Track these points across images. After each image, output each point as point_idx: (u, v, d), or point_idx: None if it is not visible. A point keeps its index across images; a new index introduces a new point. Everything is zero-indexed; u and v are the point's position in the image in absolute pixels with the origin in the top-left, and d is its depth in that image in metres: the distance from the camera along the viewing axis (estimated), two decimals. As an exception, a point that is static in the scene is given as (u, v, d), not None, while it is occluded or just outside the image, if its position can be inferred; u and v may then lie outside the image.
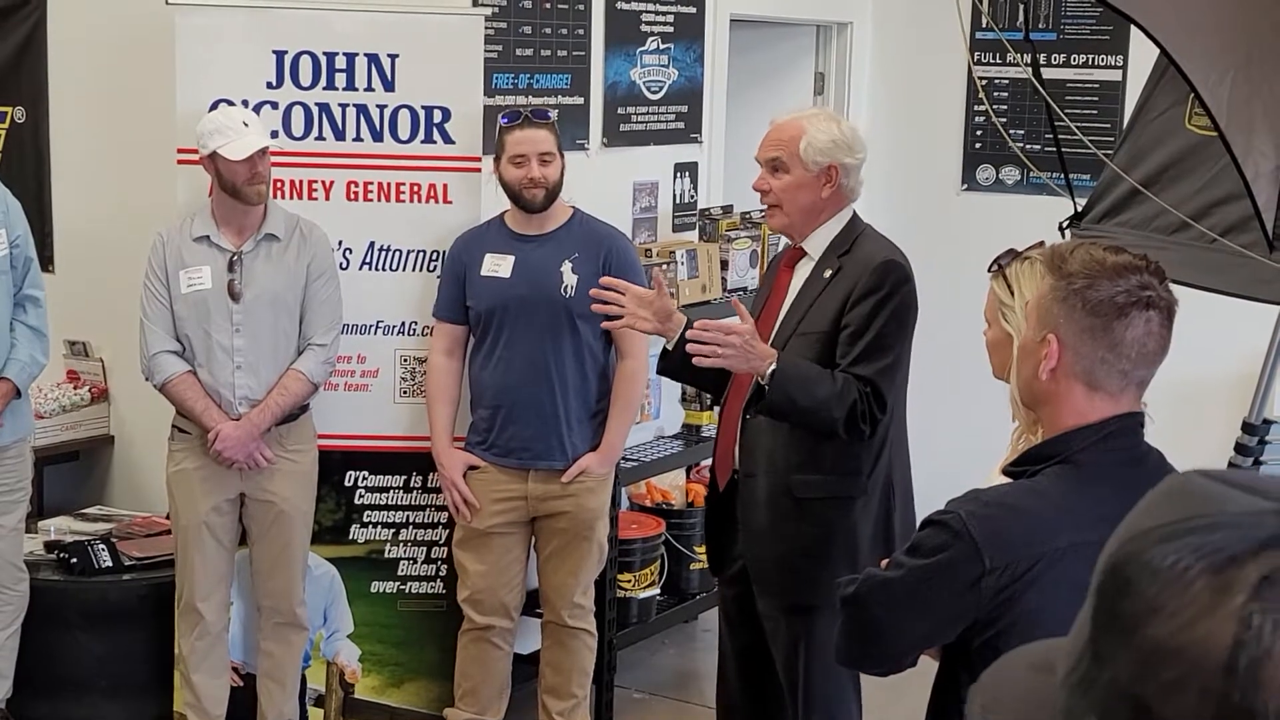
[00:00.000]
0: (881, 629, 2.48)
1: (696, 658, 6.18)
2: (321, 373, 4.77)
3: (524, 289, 4.70)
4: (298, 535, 4.83)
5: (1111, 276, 2.35)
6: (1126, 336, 2.33)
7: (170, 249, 4.65)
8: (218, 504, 4.72)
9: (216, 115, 4.64)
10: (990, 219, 6.70)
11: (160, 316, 4.65)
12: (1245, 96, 3.01)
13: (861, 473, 3.91)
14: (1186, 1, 3.05)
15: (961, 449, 4.89)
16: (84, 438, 5.93)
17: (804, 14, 7.07)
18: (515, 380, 4.73)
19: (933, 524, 2.40)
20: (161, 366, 4.64)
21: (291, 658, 4.91)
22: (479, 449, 4.83)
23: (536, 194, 4.69)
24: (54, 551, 5.22)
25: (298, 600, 4.86)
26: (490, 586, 4.86)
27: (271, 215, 4.69)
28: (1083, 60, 6.85)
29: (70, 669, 5.07)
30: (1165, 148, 3.51)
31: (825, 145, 3.90)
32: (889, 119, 7.06)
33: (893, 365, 3.82)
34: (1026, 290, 2.60)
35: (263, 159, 4.58)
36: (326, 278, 4.76)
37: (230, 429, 4.61)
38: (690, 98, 6.31)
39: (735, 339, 3.68)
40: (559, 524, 4.82)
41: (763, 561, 3.97)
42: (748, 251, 5.99)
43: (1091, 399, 2.38)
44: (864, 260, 3.87)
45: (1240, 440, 4.47)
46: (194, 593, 4.75)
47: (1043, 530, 2.35)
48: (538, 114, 4.81)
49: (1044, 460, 2.40)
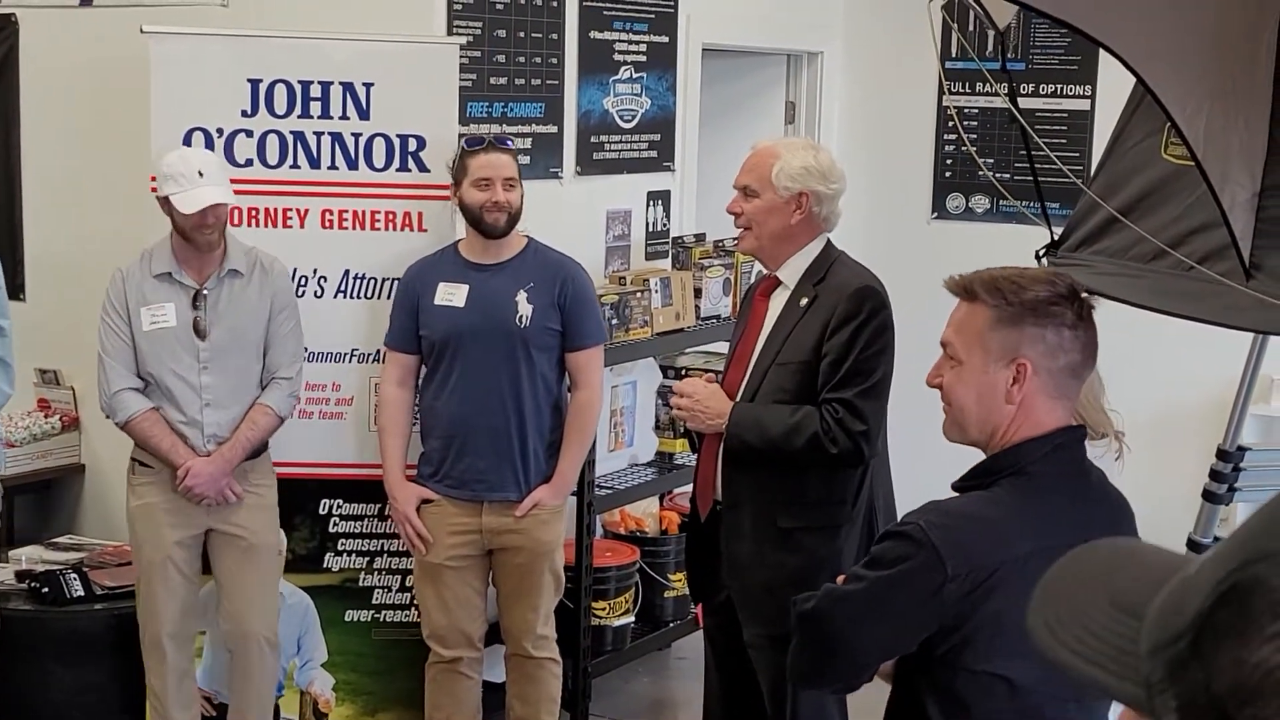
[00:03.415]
0: (843, 642, 2.50)
1: (671, 685, 6.18)
2: (288, 406, 4.75)
3: (478, 318, 4.67)
4: (270, 566, 4.81)
5: (1032, 285, 2.42)
6: (1078, 335, 2.41)
7: (131, 285, 4.60)
8: (183, 539, 4.67)
9: (174, 160, 4.55)
10: (961, 247, 6.71)
11: (121, 353, 4.60)
12: (1221, 127, 3.03)
13: (846, 501, 3.95)
14: (1163, 32, 3.08)
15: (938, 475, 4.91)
16: (55, 466, 5.90)
17: (775, 43, 7.10)
18: (469, 411, 4.69)
19: (892, 536, 2.45)
20: (124, 404, 4.59)
21: (266, 687, 4.87)
22: (431, 481, 4.79)
23: (499, 217, 4.68)
24: (25, 581, 5.18)
25: (272, 630, 4.83)
26: (451, 622, 4.83)
27: (232, 251, 4.66)
28: (1051, 90, 6.91)
29: (42, 699, 5.03)
30: (1142, 176, 3.54)
31: (797, 172, 3.94)
32: (860, 148, 7.09)
33: (875, 386, 3.86)
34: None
35: (215, 210, 4.52)
36: (289, 311, 4.75)
37: (202, 465, 4.58)
38: (663, 126, 6.33)
39: (685, 401, 3.87)
40: (516, 558, 4.78)
41: (748, 591, 3.99)
42: (721, 279, 6.00)
43: (1053, 409, 2.43)
44: (840, 287, 3.91)
45: (1215, 467, 4.49)
46: (160, 628, 4.70)
47: (1003, 538, 2.39)
48: (500, 140, 4.82)
49: (994, 473, 2.46)
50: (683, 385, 4.01)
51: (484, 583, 4.90)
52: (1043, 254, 3.79)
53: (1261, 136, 3.13)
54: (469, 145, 4.77)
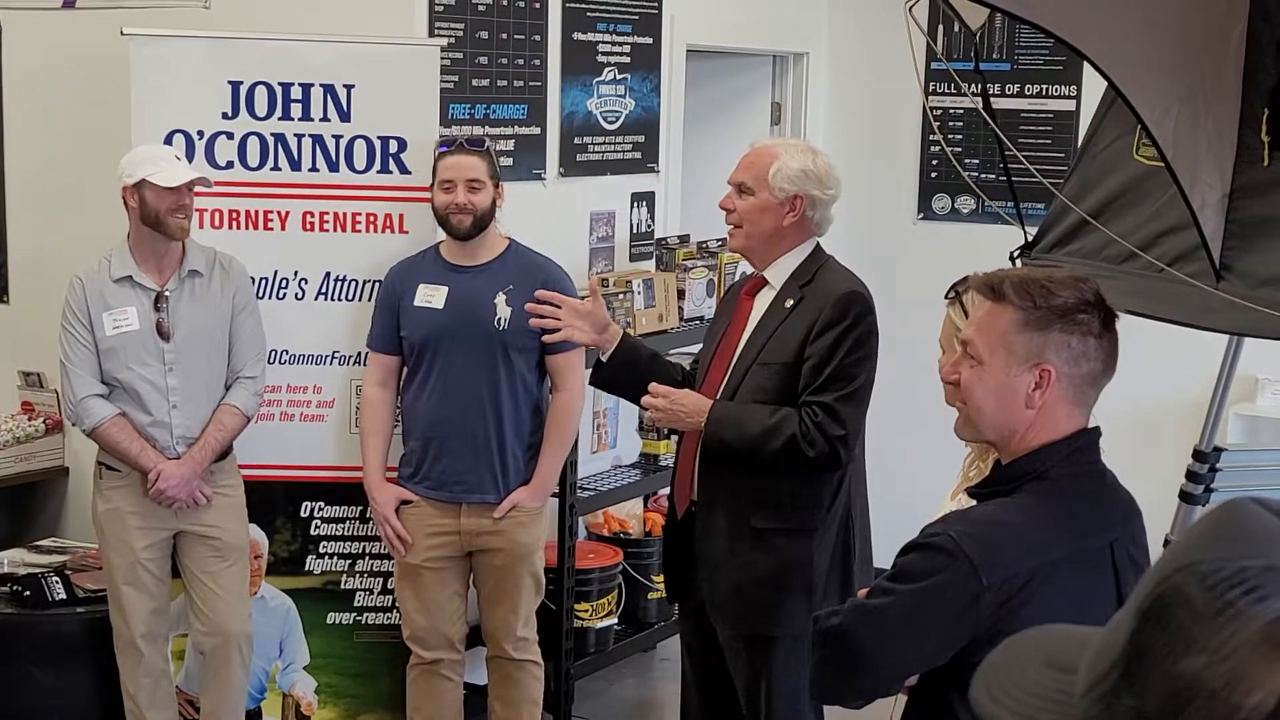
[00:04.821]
0: (872, 659, 2.44)
1: (655, 687, 6.18)
2: (253, 405, 4.75)
3: (456, 320, 4.67)
4: (240, 566, 4.81)
5: (1061, 290, 2.38)
6: (1102, 344, 2.38)
7: (91, 291, 4.59)
8: (152, 541, 4.67)
9: (146, 147, 4.63)
10: (946, 248, 6.73)
11: (84, 360, 4.59)
12: (1190, 129, 3.04)
13: (822, 506, 3.93)
14: (1132, 35, 3.08)
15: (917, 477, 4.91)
16: (38, 469, 5.89)
17: (760, 45, 7.10)
18: (448, 412, 4.69)
19: (920, 548, 2.39)
20: (91, 411, 4.58)
21: (238, 689, 4.85)
22: (410, 482, 4.79)
23: (463, 220, 4.67)
24: (7, 584, 5.17)
25: (245, 630, 4.82)
26: (431, 624, 4.83)
27: (191, 252, 4.66)
28: (1036, 90, 6.91)
29: (23, 703, 5.02)
30: (1114, 178, 3.54)
31: (794, 174, 3.93)
32: (845, 149, 7.08)
33: (855, 393, 3.85)
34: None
35: (189, 194, 4.55)
36: (250, 309, 4.75)
37: (173, 468, 4.57)
38: (647, 128, 6.33)
39: (660, 401, 3.86)
40: (495, 560, 4.78)
41: (719, 591, 3.98)
42: (704, 280, 6.00)
43: (1072, 415, 2.40)
44: (826, 292, 3.90)
45: (1191, 468, 4.49)
46: (133, 630, 4.70)
47: (1034, 544, 2.36)
48: (472, 141, 4.82)
49: (1016, 479, 2.42)
50: (655, 388, 3.99)
51: (464, 585, 4.89)
52: (1016, 255, 3.79)
53: (1231, 137, 3.13)
54: (441, 147, 4.78)
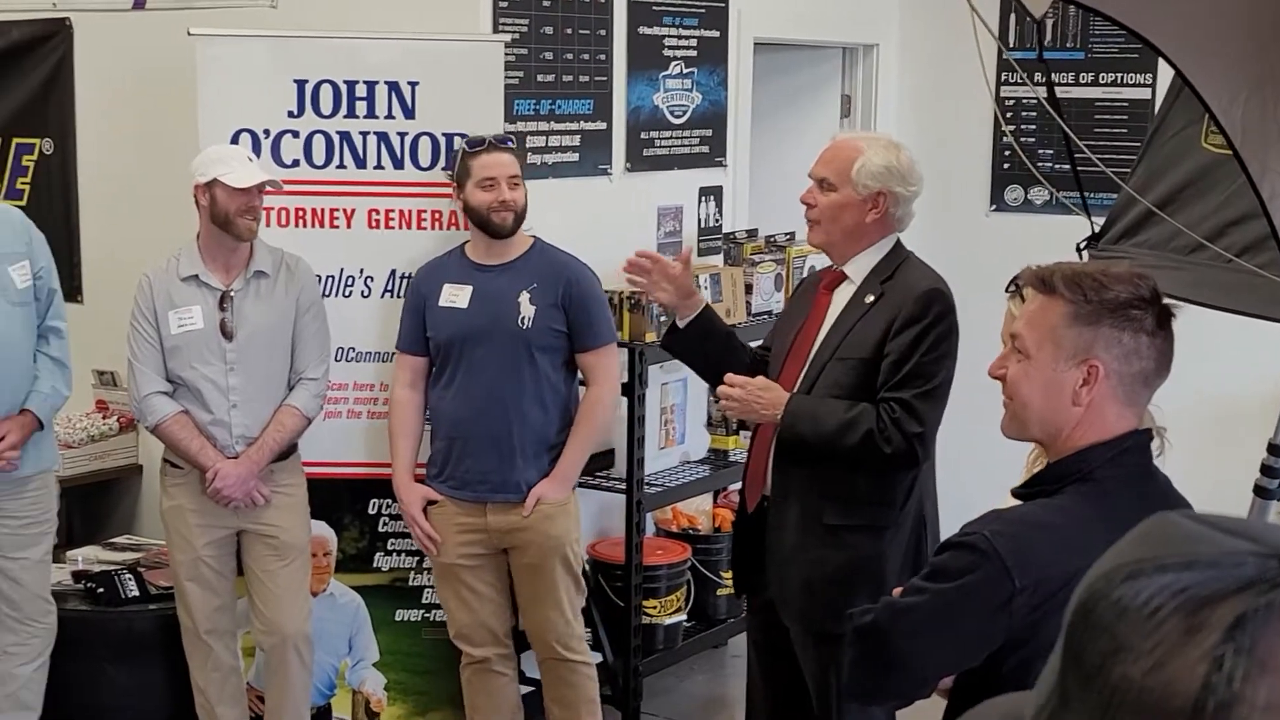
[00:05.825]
0: (903, 658, 2.41)
1: (726, 684, 6.15)
2: (315, 407, 4.76)
3: (480, 320, 4.66)
4: (300, 565, 4.82)
5: (1115, 284, 2.32)
6: (1155, 342, 2.31)
7: (158, 289, 4.64)
8: (213, 539, 4.71)
9: (219, 147, 4.68)
10: (1019, 240, 6.64)
11: (150, 358, 4.64)
12: (1259, 117, 2.97)
13: (895, 504, 3.88)
14: (1200, 23, 3.02)
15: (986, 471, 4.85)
16: (112, 467, 5.95)
17: (829, 36, 7.04)
18: (471, 412, 4.68)
19: (955, 546, 2.35)
20: (154, 408, 4.63)
21: (301, 687, 4.87)
22: (436, 481, 4.79)
23: (506, 217, 4.67)
24: (81, 581, 5.23)
25: (305, 629, 4.83)
26: (474, 619, 4.83)
27: (258, 252, 4.68)
28: (1111, 79, 6.81)
29: (96, 699, 5.08)
30: (1181, 167, 3.47)
31: (878, 170, 3.87)
32: (916, 140, 6.98)
33: (934, 390, 3.79)
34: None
35: (259, 196, 4.58)
36: (315, 311, 4.76)
37: (230, 467, 4.60)
38: (714, 121, 6.29)
39: (736, 391, 3.80)
40: (527, 557, 4.75)
41: (788, 587, 3.94)
42: (772, 275, 5.96)
43: (1122, 415, 2.35)
44: (907, 288, 3.84)
45: (1266, 462, 4.39)
46: (198, 625, 4.74)
47: (1073, 547, 2.29)
48: (500, 139, 4.81)
49: (1060, 480, 2.37)
50: (731, 378, 3.93)
51: (502, 580, 4.86)
52: (1084, 246, 3.73)
53: (1301, 125, 3.06)
54: (470, 146, 4.76)
